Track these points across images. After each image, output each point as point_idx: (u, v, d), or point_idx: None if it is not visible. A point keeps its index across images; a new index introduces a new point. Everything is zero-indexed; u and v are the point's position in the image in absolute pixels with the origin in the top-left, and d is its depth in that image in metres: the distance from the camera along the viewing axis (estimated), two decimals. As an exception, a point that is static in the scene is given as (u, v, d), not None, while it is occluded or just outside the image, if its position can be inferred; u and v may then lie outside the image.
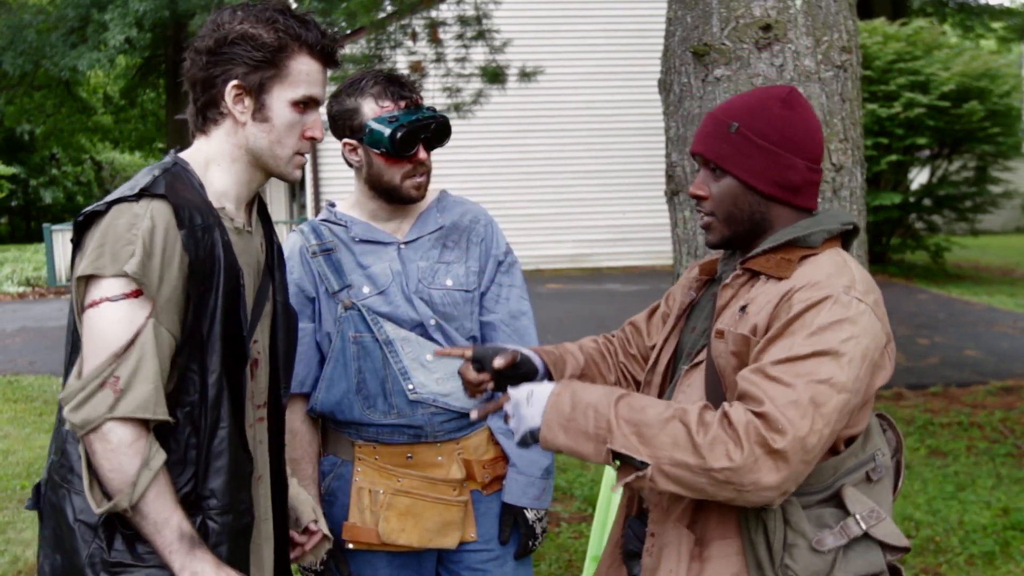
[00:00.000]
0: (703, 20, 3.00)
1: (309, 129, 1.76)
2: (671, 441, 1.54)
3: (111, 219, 1.61)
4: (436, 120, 2.23)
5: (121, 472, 1.58)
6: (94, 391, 1.57)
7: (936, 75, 12.35)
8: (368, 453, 2.29)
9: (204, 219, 1.66)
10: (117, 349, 1.58)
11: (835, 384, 1.54)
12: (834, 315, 1.58)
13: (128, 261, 1.57)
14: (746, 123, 1.71)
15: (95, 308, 1.60)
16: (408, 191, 2.25)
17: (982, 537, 4.39)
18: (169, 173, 1.68)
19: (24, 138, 27.76)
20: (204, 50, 1.70)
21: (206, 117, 1.74)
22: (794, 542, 1.62)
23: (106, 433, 1.57)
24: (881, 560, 1.68)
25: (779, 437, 1.50)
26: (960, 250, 14.97)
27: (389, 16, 7.49)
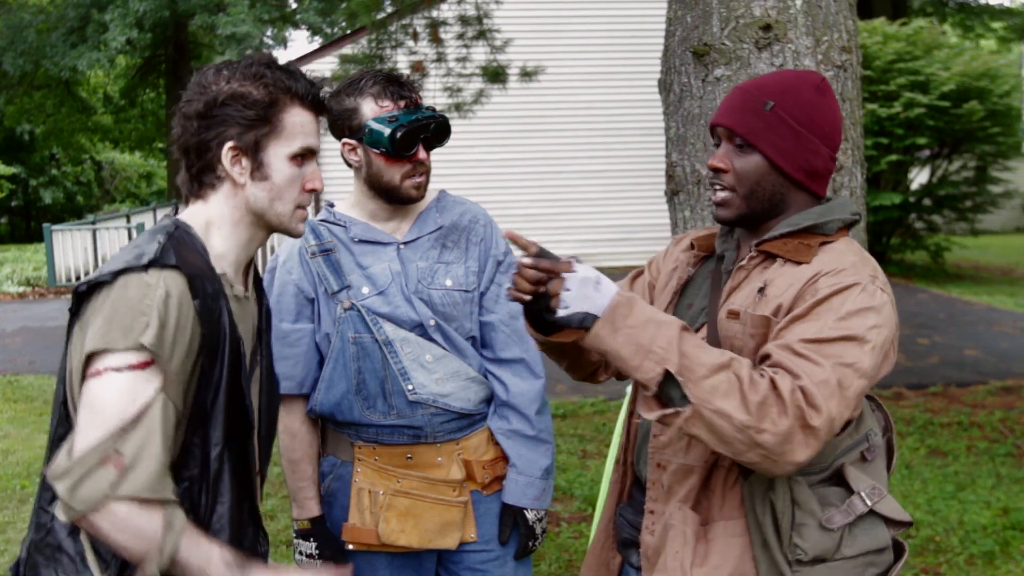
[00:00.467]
0: (703, 20, 3.00)
1: (309, 181, 1.71)
2: (722, 389, 1.51)
3: (120, 290, 1.53)
4: (436, 120, 2.23)
5: (141, 538, 1.48)
6: (92, 468, 1.46)
7: (936, 75, 12.35)
8: (368, 454, 2.29)
9: (213, 287, 1.61)
10: (122, 424, 1.48)
11: (858, 369, 1.57)
12: (861, 302, 1.60)
13: (144, 332, 1.49)
14: (781, 103, 1.70)
15: (97, 378, 1.50)
16: (408, 191, 2.25)
17: (982, 537, 4.39)
18: (174, 239, 1.60)
19: (24, 138, 27.76)
20: (194, 115, 1.64)
21: (202, 182, 1.68)
22: (803, 521, 1.64)
23: (111, 510, 1.47)
24: (886, 535, 1.71)
25: (815, 414, 1.51)
26: (960, 250, 14.96)
27: (390, 16, 7.49)
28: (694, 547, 1.70)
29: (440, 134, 2.25)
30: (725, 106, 1.76)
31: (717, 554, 1.68)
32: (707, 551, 1.69)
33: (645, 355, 1.54)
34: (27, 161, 29.26)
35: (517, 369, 2.34)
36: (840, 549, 1.66)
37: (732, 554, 1.67)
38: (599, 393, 7.05)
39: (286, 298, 2.29)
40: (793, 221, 1.73)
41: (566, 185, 15.38)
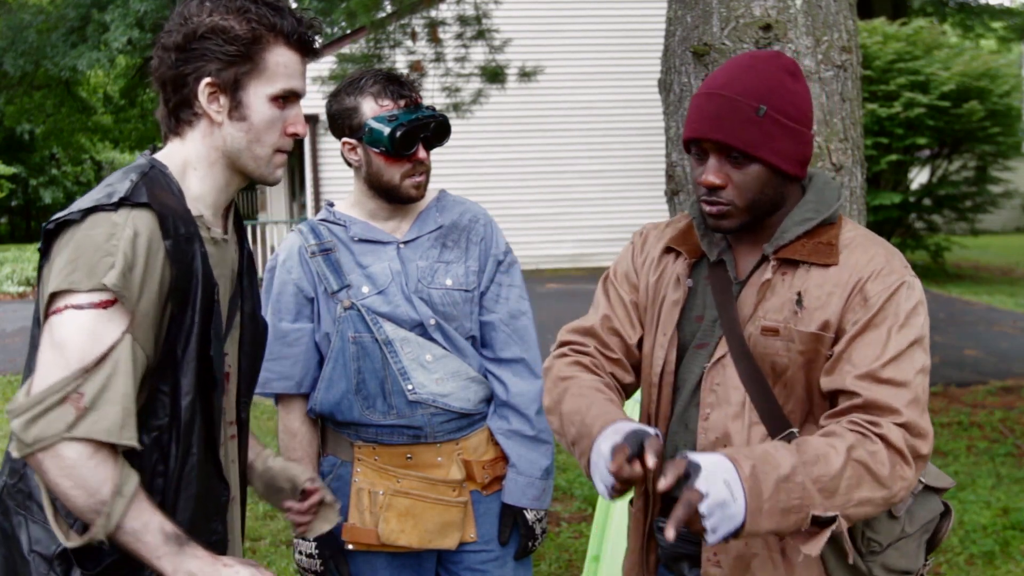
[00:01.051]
0: (703, 20, 3.00)
1: (291, 124, 1.63)
2: (854, 483, 1.49)
3: (87, 229, 1.47)
4: (435, 119, 2.23)
5: (86, 490, 1.43)
6: (52, 406, 1.41)
7: (936, 75, 12.34)
8: (367, 454, 2.29)
9: (187, 229, 1.54)
10: (85, 363, 1.42)
11: (924, 368, 1.59)
12: (912, 300, 1.60)
13: (107, 273, 1.43)
14: (772, 104, 1.61)
15: (58, 315, 1.44)
16: (407, 190, 2.25)
17: (982, 537, 4.39)
18: (147, 178, 1.54)
19: (24, 138, 27.77)
20: (172, 47, 1.56)
21: (179, 118, 1.61)
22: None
23: (59, 451, 1.41)
24: (939, 503, 1.76)
25: (923, 443, 1.55)
26: (960, 250, 14.96)
27: (389, 16, 7.48)
28: (784, 569, 1.67)
29: (440, 134, 2.25)
30: (709, 117, 1.63)
31: (802, 568, 1.66)
32: (791, 567, 1.67)
33: (792, 517, 1.46)
34: (27, 161, 29.27)
35: (517, 369, 2.34)
36: (904, 529, 1.69)
37: (813, 563, 1.66)
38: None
39: (286, 297, 2.29)
40: (799, 219, 1.67)
41: (566, 185, 15.38)
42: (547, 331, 3.66)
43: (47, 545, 1.51)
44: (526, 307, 2.39)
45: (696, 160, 1.69)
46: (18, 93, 21.99)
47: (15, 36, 18.91)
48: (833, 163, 2.95)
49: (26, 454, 1.43)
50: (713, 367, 1.70)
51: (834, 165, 2.95)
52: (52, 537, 1.51)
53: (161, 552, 1.46)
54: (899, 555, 1.69)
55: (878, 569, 1.68)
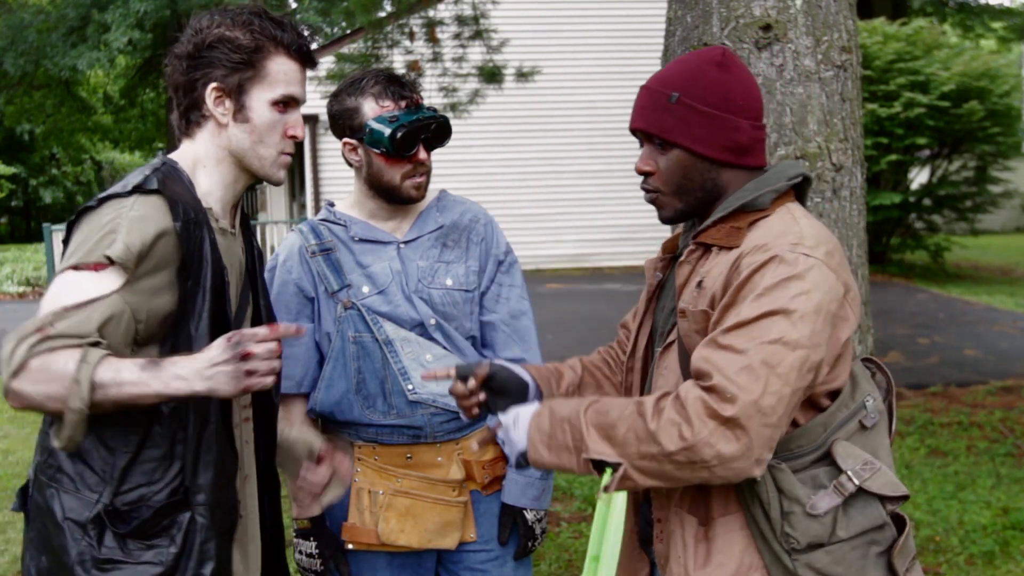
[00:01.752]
0: (703, 20, 3.00)
1: (291, 128, 1.79)
2: (634, 436, 1.55)
3: (100, 214, 1.63)
4: (436, 120, 2.23)
5: (55, 377, 1.50)
6: (26, 336, 1.51)
7: (936, 75, 12.35)
8: (368, 453, 2.29)
9: (196, 215, 1.68)
10: (66, 305, 1.54)
11: (788, 342, 1.52)
12: (780, 274, 1.56)
13: (111, 246, 1.57)
14: (686, 91, 1.67)
15: (60, 275, 1.59)
16: (408, 191, 2.25)
17: (982, 537, 4.39)
18: (160, 171, 1.70)
19: (24, 138, 27.77)
20: (184, 55, 1.75)
21: (189, 120, 1.78)
22: (790, 509, 1.61)
23: (29, 367, 1.50)
24: (881, 512, 1.66)
25: (728, 405, 1.49)
26: (960, 250, 14.96)
27: (387, 16, 7.48)
28: (695, 550, 1.68)
29: (441, 134, 2.25)
30: (636, 109, 1.74)
31: (719, 552, 1.66)
32: (708, 551, 1.67)
33: (571, 453, 1.63)
34: (27, 161, 29.29)
35: (517, 369, 2.34)
36: (835, 532, 1.61)
37: (735, 549, 1.65)
38: (599, 393, 7.04)
39: (286, 297, 2.29)
40: (725, 205, 1.70)
41: (566, 185, 15.38)
42: (547, 331, 3.66)
43: (80, 512, 1.64)
44: (527, 307, 2.39)
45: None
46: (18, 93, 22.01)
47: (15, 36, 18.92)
48: (833, 163, 2.96)
49: (8, 390, 1.51)
50: (664, 351, 1.78)
51: (834, 165, 2.96)
52: (84, 504, 1.64)
53: (144, 378, 1.53)
54: (832, 560, 1.61)
55: (805, 570, 1.61)
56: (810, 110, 2.92)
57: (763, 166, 1.75)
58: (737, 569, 1.64)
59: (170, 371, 1.54)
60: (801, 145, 2.92)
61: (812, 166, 2.94)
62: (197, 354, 1.59)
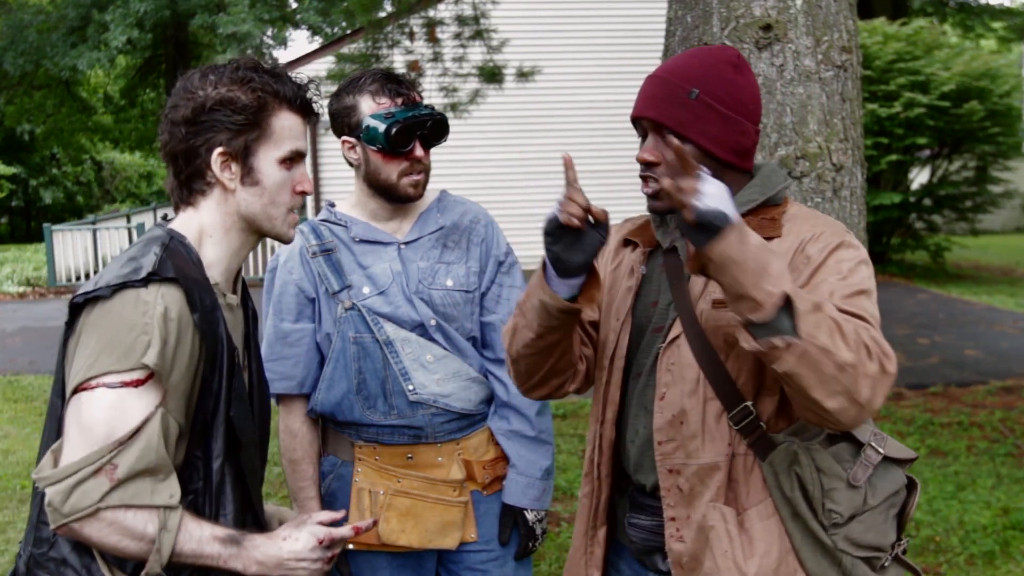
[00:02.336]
0: (703, 20, 3.00)
1: (299, 184, 1.70)
2: (825, 327, 1.44)
3: (117, 308, 1.51)
4: (433, 117, 2.22)
5: (133, 537, 1.50)
6: (85, 478, 1.46)
7: (936, 75, 12.35)
8: (368, 454, 2.29)
9: (210, 299, 1.60)
10: (119, 436, 1.47)
11: (875, 318, 1.57)
12: (853, 258, 1.63)
13: (146, 352, 1.49)
14: (705, 89, 1.67)
15: (88, 392, 1.49)
16: (405, 189, 2.24)
17: (982, 537, 4.39)
18: (169, 250, 1.59)
19: (24, 138, 27.77)
20: (182, 120, 1.62)
21: (192, 189, 1.66)
22: (832, 486, 1.66)
23: (100, 517, 1.48)
24: (902, 475, 1.75)
25: (890, 362, 1.49)
26: (960, 250, 14.97)
27: (387, 16, 7.48)
28: (740, 540, 1.69)
29: (437, 132, 2.25)
30: (646, 97, 1.71)
31: (760, 540, 1.68)
32: (751, 540, 1.69)
33: (764, 276, 1.43)
34: (27, 161, 29.27)
35: (517, 369, 2.34)
36: (867, 501, 1.69)
37: (772, 535, 1.68)
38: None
39: (287, 298, 2.29)
40: (744, 200, 1.72)
41: (566, 185, 15.36)
42: (547, 331, 3.65)
43: None
44: (527, 307, 2.39)
45: (641, 140, 1.76)
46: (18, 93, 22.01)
47: (15, 36, 18.92)
48: (833, 163, 2.95)
49: (61, 524, 1.48)
50: (668, 347, 1.75)
51: (834, 165, 2.95)
52: None
53: (225, 556, 1.56)
54: (864, 529, 1.68)
55: (843, 543, 1.66)
56: (810, 110, 2.92)
57: (750, 169, 1.79)
58: (780, 554, 1.68)
59: (252, 554, 1.57)
60: (801, 145, 2.92)
61: (812, 166, 2.94)
62: (280, 540, 1.61)
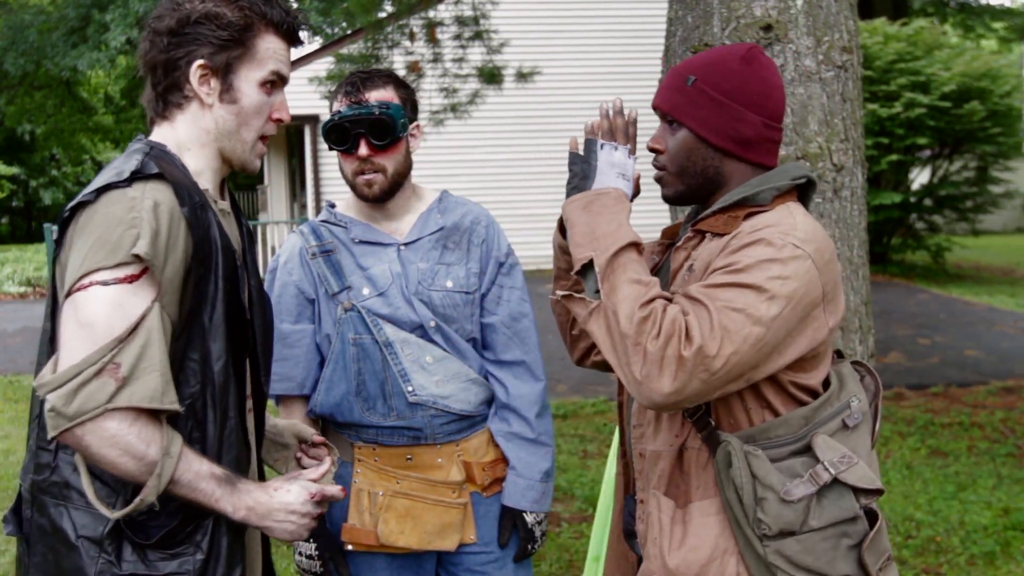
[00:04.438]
0: (704, 20, 3.00)
1: (276, 110, 1.69)
2: (626, 297, 1.56)
3: (104, 207, 1.49)
4: (372, 116, 2.21)
5: (133, 455, 1.46)
6: (88, 379, 1.43)
7: (937, 75, 12.34)
8: (368, 455, 2.28)
9: (199, 198, 1.58)
10: (119, 334, 1.44)
11: (751, 316, 1.54)
12: (762, 255, 1.59)
13: (136, 243, 1.45)
14: (703, 76, 1.73)
15: (83, 292, 1.45)
16: (360, 188, 2.26)
17: (983, 537, 4.38)
18: (151, 155, 1.56)
19: (25, 138, 27.77)
20: (165, 31, 1.60)
21: (168, 101, 1.64)
22: (763, 495, 1.62)
23: (102, 423, 1.44)
24: (854, 505, 1.66)
25: (687, 344, 1.52)
26: (961, 250, 14.96)
27: (387, 16, 7.48)
28: (671, 531, 1.71)
29: (376, 131, 2.21)
30: (660, 88, 1.81)
31: (693, 535, 1.68)
32: (684, 533, 1.70)
33: (589, 241, 1.63)
34: (28, 161, 29.28)
35: (518, 371, 2.34)
36: (807, 521, 1.63)
37: (709, 533, 1.67)
38: (600, 393, 7.05)
39: (287, 299, 2.29)
40: (727, 196, 1.74)
41: (567, 185, 15.36)
42: (549, 331, 3.66)
43: (94, 528, 1.53)
44: (527, 309, 2.39)
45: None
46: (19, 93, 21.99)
47: (15, 36, 18.92)
48: (834, 163, 2.95)
49: (64, 428, 1.44)
50: None
51: (835, 165, 2.95)
52: (99, 518, 1.53)
53: (218, 495, 1.54)
54: (802, 549, 1.62)
55: (775, 557, 1.62)
56: (811, 110, 2.92)
57: (770, 165, 1.78)
58: (711, 552, 1.67)
59: (244, 499, 1.57)
60: (802, 145, 2.92)
61: (813, 166, 2.93)
62: (272, 490, 1.61)
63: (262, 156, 1.73)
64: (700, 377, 1.52)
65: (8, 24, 19.18)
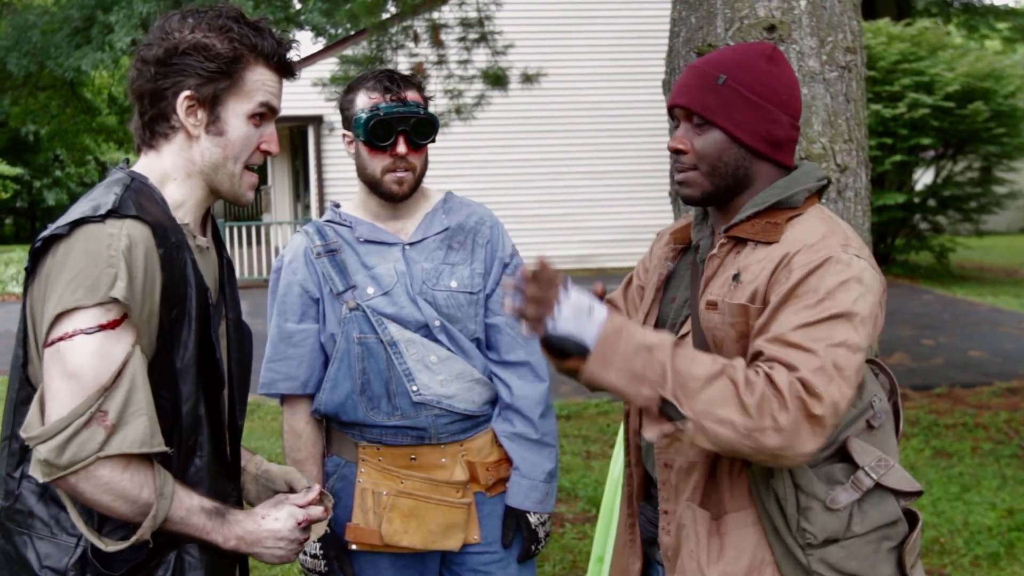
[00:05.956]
0: (707, 21, 3.00)
1: (265, 142, 1.66)
2: (719, 399, 1.49)
3: (81, 243, 1.47)
4: (417, 115, 2.23)
5: (127, 500, 1.48)
6: (79, 429, 1.43)
7: (941, 76, 12.34)
8: (372, 454, 2.29)
9: (176, 237, 1.56)
10: (104, 383, 1.44)
11: (851, 346, 1.53)
12: (840, 275, 1.57)
13: (113, 285, 1.44)
14: (734, 76, 1.69)
15: (67, 341, 1.45)
16: (389, 185, 2.25)
17: (987, 538, 4.38)
18: (131, 189, 1.55)
19: (29, 139, 27.81)
20: (153, 60, 1.58)
21: (154, 131, 1.62)
22: (807, 504, 1.62)
23: (94, 471, 1.45)
24: (896, 508, 1.68)
25: (817, 403, 1.49)
26: (964, 251, 14.94)
27: (391, 18, 7.49)
28: (708, 544, 1.68)
29: (421, 130, 2.24)
30: (680, 86, 1.74)
31: (732, 547, 1.66)
32: (722, 545, 1.67)
33: (640, 383, 1.52)
34: (31, 162, 29.32)
35: (522, 372, 2.34)
36: (851, 527, 1.62)
37: (747, 544, 1.65)
38: (603, 394, 7.04)
39: (291, 298, 2.30)
40: (758, 200, 1.71)
41: (572, 186, 15.40)
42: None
43: (59, 559, 1.53)
44: (531, 309, 2.39)
45: (674, 129, 1.79)
46: (23, 94, 22.01)
47: (19, 36, 18.94)
48: (837, 164, 2.95)
49: (56, 477, 1.46)
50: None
51: (838, 166, 2.95)
52: (63, 549, 1.54)
53: (208, 528, 1.57)
54: (846, 555, 1.62)
55: (819, 565, 1.61)
56: (814, 111, 2.92)
57: (791, 166, 1.77)
58: (751, 564, 1.65)
59: (233, 529, 1.60)
60: (806, 146, 2.92)
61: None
62: (260, 518, 1.64)
63: (253, 187, 1.71)
64: (833, 425, 1.53)
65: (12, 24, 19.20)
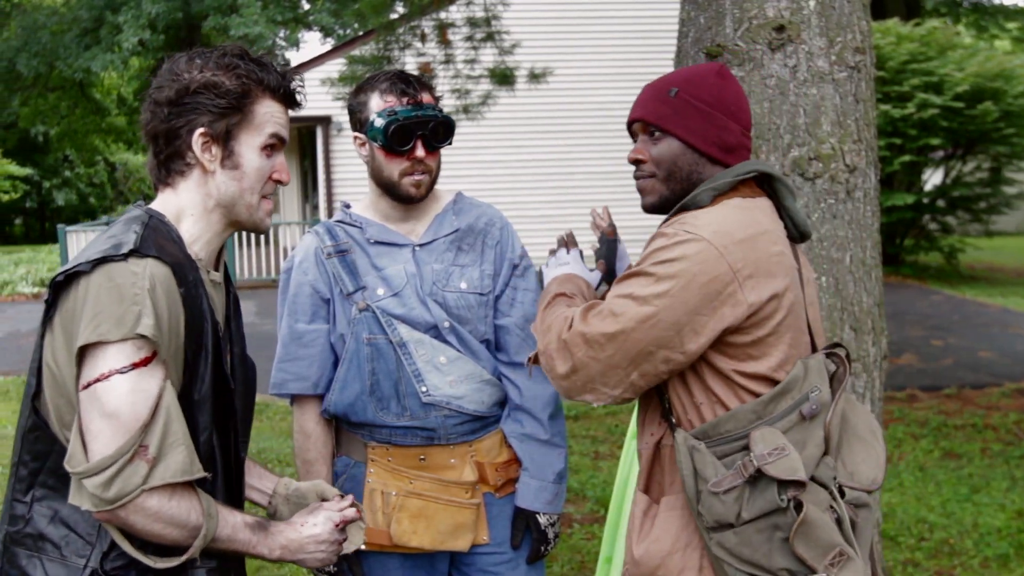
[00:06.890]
0: (716, 21, 3.00)
1: (276, 172, 1.73)
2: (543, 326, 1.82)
3: (105, 279, 1.52)
4: (436, 119, 2.23)
5: (177, 525, 1.55)
6: (123, 466, 1.50)
7: (950, 76, 12.30)
8: (381, 455, 2.29)
9: (193, 275, 1.63)
10: (144, 419, 1.50)
11: (637, 296, 1.68)
12: (655, 246, 1.73)
13: (139, 322, 1.50)
14: (684, 88, 1.83)
15: (104, 383, 1.50)
16: (406, 188, 2.25)
17: (996, 539, 4.37)
18: (149, 228, 1.61)
19: (38, 140, 27.93)
20: (165, 101, 1.65)
21: (171, 169, 1.69)
22: (701, 488, 1.68)
23: (141, 503, 1.51)
24: (775, 496, 1.64)
25: (567, 331, 1.74)
26: (974, 251, 14.90)
27: (399, 18, 7.50)
28: (640, 525, 1.80)
29: (439, 133, 2.25)
30: (635, 104, 1.89)
31: (658, 527, 1.77)
32: (652, 526, 1.78)
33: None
34: (41, 163, 29.44)
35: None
36: (740, 514, 1.65)
37: (672, 526, 1.75)
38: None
39: (302, 298, 2.30)
40: (679, 205, 1.82)
41: (579, 186, 15.39)
42: (560, 332, 3.66)
43: None
44: (540, 309, 2.39)
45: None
46: (33, 95, 22.10)
47: (29, 37, 19.02)
48: (847, 164, 2.95)
49: (105, 510, 1.51)
50: None
51: (848, 166, 2.95)
52: (72, 571, 1.58)
53: (254, 542, 1.66)
54: (739, 541, 1.65)
55: (718, 549, 1.67)
56: (823, 111, 2.91)
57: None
58: (672, 545, 1.74)
59: (277, 539, 1.70)
60: (815, 146, 2.92)
61: (826, 167, 2.93)
62: (299, 526, 1.75)
63: (271, 215, 1.78)
64: (587, 353, 1.71)
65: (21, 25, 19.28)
